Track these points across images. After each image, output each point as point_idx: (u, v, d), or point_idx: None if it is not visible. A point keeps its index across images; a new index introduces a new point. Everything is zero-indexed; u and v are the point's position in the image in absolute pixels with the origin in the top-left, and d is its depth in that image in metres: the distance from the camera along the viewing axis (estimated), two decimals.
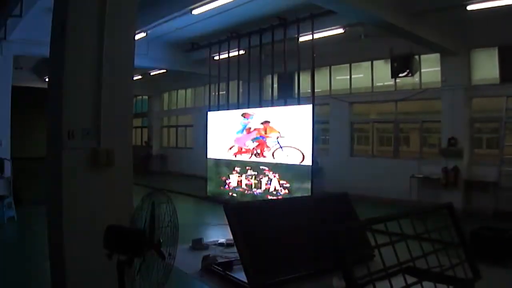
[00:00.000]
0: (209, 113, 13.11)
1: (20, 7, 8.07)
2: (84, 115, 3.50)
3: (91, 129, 3.51)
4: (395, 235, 1.91)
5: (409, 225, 2.02)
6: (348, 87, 13.49)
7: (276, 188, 10.74)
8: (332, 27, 10.31)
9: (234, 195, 11.75)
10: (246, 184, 11.55)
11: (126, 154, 3.75)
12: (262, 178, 11.10)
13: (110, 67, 3.59)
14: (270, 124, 10.96)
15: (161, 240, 2.38)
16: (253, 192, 11.31)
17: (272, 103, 11.63)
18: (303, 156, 10.02)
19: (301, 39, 10.55)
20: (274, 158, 10.77)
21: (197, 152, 17.52)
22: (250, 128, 11.50)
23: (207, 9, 9.01)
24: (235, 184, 11.86)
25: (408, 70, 10.33)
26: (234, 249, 2.44)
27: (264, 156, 11.03)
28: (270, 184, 10.90)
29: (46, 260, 3.72)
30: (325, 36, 10.65)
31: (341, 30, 10.38)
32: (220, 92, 13.40)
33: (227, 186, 12.09)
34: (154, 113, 22.52)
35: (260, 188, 11.14)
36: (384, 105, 13.00)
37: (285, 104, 10.97)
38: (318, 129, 12.42)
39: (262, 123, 11.17)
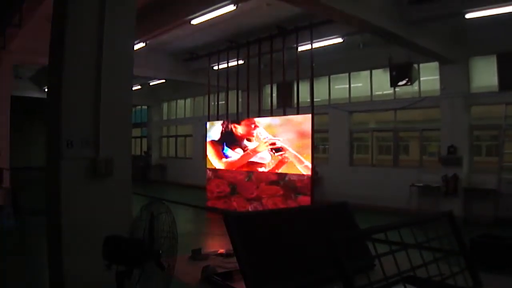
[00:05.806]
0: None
1: (19, 17, 8.11)
2: (83, 124, 3.50)
3: (90, 139, 3.51)
4: (395, 244, 1.90)
5: (409, 234, 2.00)
6: (347, 96, 13.52)
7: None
8: (331, 37, 10.37)
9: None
10: (247, 193, 11.52)
11: (125, 164, 3.75)
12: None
13: (109, 77, 3.60)
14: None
15: (161, 251, 2.37)
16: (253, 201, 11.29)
17: (271, 113, 11.63)
18: (303, 165, 10.01)
19: (300, 48, 10.59)
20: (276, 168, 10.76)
21: (197, 162, 17.52)
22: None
23: (206, 19, 9.04)
24: (235, 193, 11.83)
25: (407, 79, 10.34)
26: (234, 259, 2.41)
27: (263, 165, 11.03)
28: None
29: (45, 270, 3.70)
30: (324, 46, 10.70)
31: (340, 40, 10.43)
32: (220, 102, 13.42)
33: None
34: (154, 123, 22.53)
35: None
36: (383, 114, 13.01)
37: (284, 113, 10.97)
38: (317, 138, 12.42)
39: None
